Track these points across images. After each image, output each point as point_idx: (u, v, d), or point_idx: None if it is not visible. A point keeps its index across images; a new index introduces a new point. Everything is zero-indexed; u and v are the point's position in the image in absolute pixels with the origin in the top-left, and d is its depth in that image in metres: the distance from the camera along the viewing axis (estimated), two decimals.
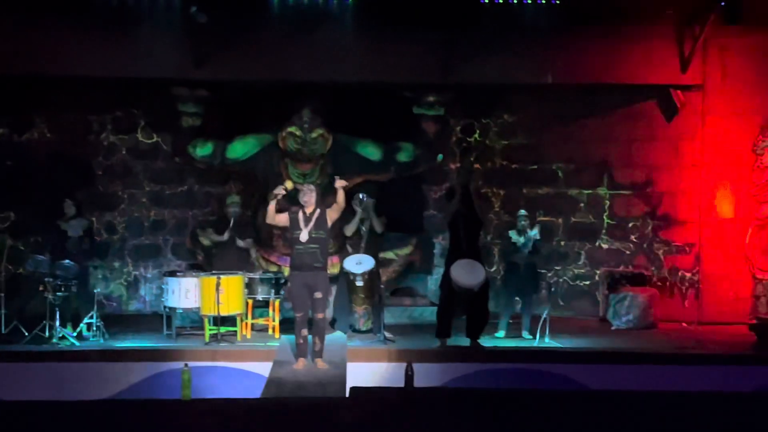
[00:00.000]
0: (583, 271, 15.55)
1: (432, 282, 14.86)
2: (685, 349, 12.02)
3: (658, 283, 14.79)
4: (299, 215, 10.37)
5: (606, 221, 15.52)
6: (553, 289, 14.35)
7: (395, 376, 9.93)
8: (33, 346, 11.52)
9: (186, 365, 9.96)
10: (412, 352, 11.12)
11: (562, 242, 15.59)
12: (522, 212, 13.14)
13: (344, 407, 7.46)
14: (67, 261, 11.95)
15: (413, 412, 7.26)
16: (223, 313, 11.75)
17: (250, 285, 12.32)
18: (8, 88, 14.03)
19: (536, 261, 13.14)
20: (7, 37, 12.92)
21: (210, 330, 11.89)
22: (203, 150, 14.04)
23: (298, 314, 10.37)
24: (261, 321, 12.76)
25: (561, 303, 15.10)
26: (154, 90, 14.07)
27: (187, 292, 12.10)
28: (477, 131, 15.66)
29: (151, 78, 13.47)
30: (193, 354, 11.17)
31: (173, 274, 12.58)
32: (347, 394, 8.52)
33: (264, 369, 10.69)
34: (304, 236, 10.23)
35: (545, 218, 15.40)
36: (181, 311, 12.47)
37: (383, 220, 12.97)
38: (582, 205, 15.56)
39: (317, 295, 10.28)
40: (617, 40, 13.50)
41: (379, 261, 12.78)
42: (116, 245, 15.30)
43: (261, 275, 12.57)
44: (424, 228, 15.25)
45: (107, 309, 14.49)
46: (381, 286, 12.47)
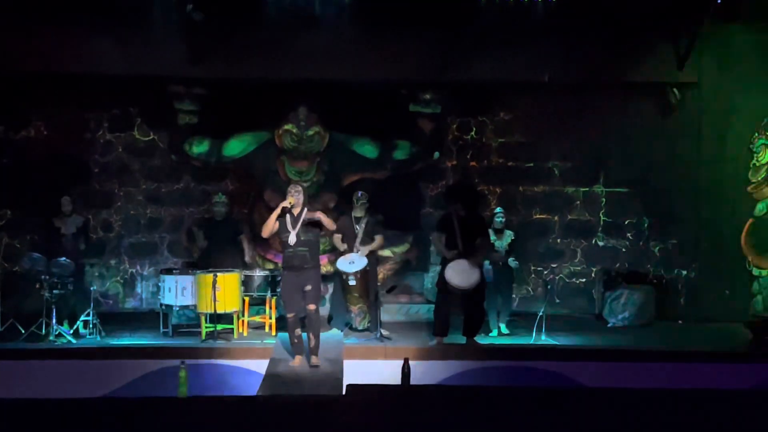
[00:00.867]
0: (579, 269, 15.57)
1: (428, 280, 14.87)
2: (681, 347, 12.03)
3: (654, 281, 14.80)
4: (286, 217, 10.35)
5: (602, 219, 15.54)
6: (549, 287, 14.34)
7: (392, 374, 9.93)
8: (29, 344, 11.50)
9: (182, 363, 9.95)
10: (409, 350, 11.12)
11: (558, 240, 15.61)
12: (498, 210, 13.12)
13: (341, 404, 7.48)
14: (64, 259, 11.93)
15: (410, 410, 7.27)
16: (220, 311, 11.75)
17: (247, 282, 12.33)
18: (4, 86, 14.01)
19: (514, 263, 13.02)
20: (3, 36, 12.91)
21: (206, 327, 11.91)
22: (200, 147, 14.04)
23: (290, 315, 10.37)
24: (257, 318, 12.75)
25: (557, 300, 15.09)
26: (151, 88, 14.04)
27: (184, 290, 12.11)
28: (473, 129, 15.65)
29: (148, 76, 13.47)
30: (190, 351, 11.14)
31: (169, 272, 12.58)
32: (344, 392, 8.53)
33: (261, 366, 10.71)
34: (292, 239, 10.24)
35: (541, 216, 15.43)
36: (178, 309, 12.46)
37: (379, 219, 12.95)
38: (578, 203, 15.58)
39: (307, 288, 10.29)
40: (614, 38, 13.49)
41: (376, 259, 12.77)
42: (112, 243, 15.30)
43: (257, 273, 12.56)
44: (421, 226, 15.24)
45: (104, 307, 14.45)
46: (377, 284, 12.47)
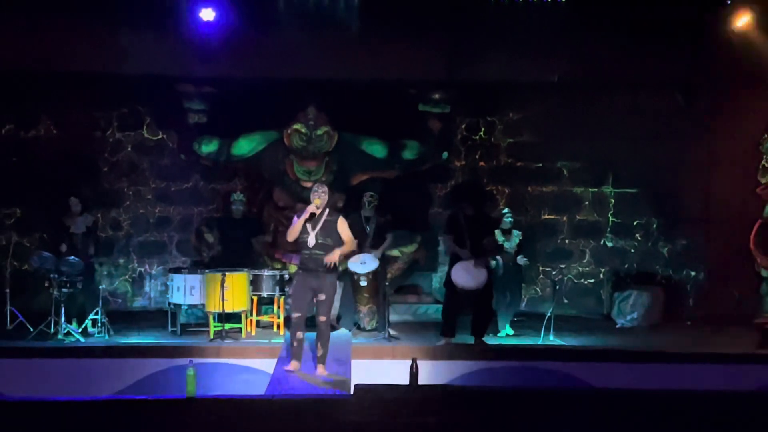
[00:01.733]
0: (588, 270, 15.57)
1: (436, 280, 14.89)
2: (690, 348, 12.01)
3: (663, 282, 14.79)
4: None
5: (611, 219, 15.53)
6: (558, 287, 14.33)
7: (400, 374, 9.92)
8: (38, 342, 11.52)
9: (191, 362, 9.95)
10: (417, 350, 11.13)
11: (567, 240, 15.61)
12: (506, 210, 13.11)
13: (349, 404, 7.48)
14: (73, 257, 11.95)
15: (418, 410, 7.27)
16: (228, 310, 11.77)
17: (255, 282, 12.32)
18: (14, 85, 14.04)
19: (524, 260, 13.02)
20: (13, 34, 12.91)
21: (215, 327, 11.92)
22: (209, 147, 14.05)
23: (296, 314, 9.90)
24: (266, 318, 12.78)
25: (565, 301, 15.09)
26: (160, 87, 14.04)
27: (192, 289, 12.13)
28: (482, 129, 15.66)
29: (157, 75, 13.46)
30: (198, 351, 11.16)
31: (178, 271, 12.61)
32: (351, 391, 8.53)
33: (269, 366, 10.69)
34: (311, 241, 9.78)
35: (550, 216, 15.42)
36: (186, 308, 12.50)
37: (388, 219, 12.94)
38: (587, 204, 15.59)
39: (321, 297, 9.87)
40: (623, 38, 13.45)
41: (385, 259, 12.77)
42: (121, 242, 15.33)
43: (266, 272, 12.57)
44: (429, 225, 15.24)
45: (112, 305, 14.48)
46: (386, 284, 12.47)
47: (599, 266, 15.51)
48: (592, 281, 15.52)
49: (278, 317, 12.40)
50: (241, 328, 12.16)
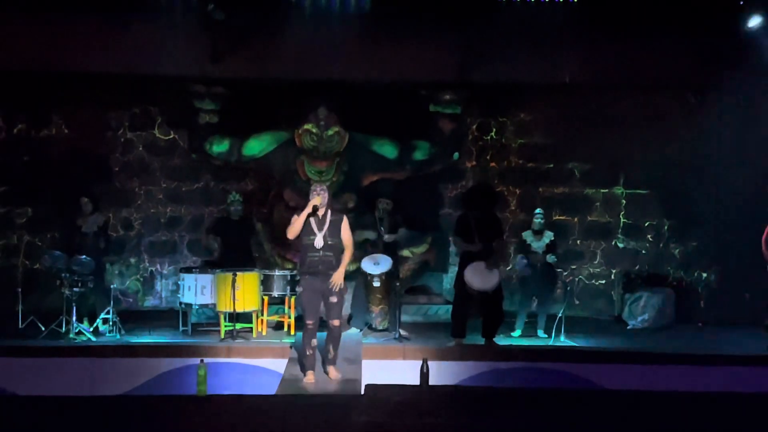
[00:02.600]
0: (599, 271, 15.56)
1: (447, 280, 14.88)
2: (701, 350, 11.98)
3: (674, 283, 14.75)
4: (310, 219, 9.69)
5: (622, 220, 15.51)
6: (569, 288, 14.30)
7: (410, 374, 9.92)
8: (49, 342, 11.55)
9: (202, 361, 9.98)
10: (428, 350, 11.12)
11: (578, 241, 15.59)
12: (538, 211, 13.10)
13: (359, 404, 7.48)
14: (84, 257, 11.98)
15: (428, 410, 7.27)
16: (239, 310, 11.78)
17: (266, 282, 12.32)
18: (26, 84, 14.09)
19: (552, 258, 13.04)
20: (25, 33, 12.95)
21: (225, 326, 11.93)
22: (220, 147, 14.08)
23: (309, 322, 9.67)
24: (276, 318, 12.79)
25: (576, 302, 15.08)
26: (172, 87, 14.08)
27: (203, 289, 12.15)
28: (493, 130, 15.65)
29: (169, 75, 13.48)
30: (209, 350, 11.19)
31: (189, 271, 12.61)
32: (362, 392, 8.54)
33: (279, 366, 10.72)
34: (319, 242, 9.58)
35: (561, 217, 15.40)
36: (197, 307, 12.52)
37: (399, 220, 12.95)
38: (598, 205, 15.57)
39: (332, 300, 9.65)
40: (634, 40, 13.43)
41: (397, 260, 12.79)
42: (132, 241, 15.36)
43: (276, 272, 12.56)
44: (440, 226, 15.24)
45: (123, 305, 14.53)
46: (397, 285, 12.48)
47: (610, 267, 15.49)
48: (603, 282, 15.50)
49: (289, 317, 12.40)
50: (252, 328, 12.17)
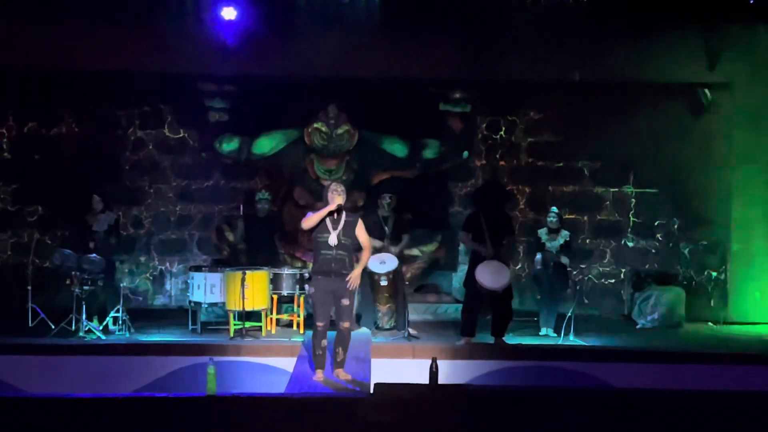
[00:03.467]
0: (609, 270, 15.54)
1: (456, 279, 14.86)
2: (710, 349, 11.96)
3: (684, 282, 14.73)
4: (326, 216, 9.40)
5: (632, 219, 15.50)
6: (579, 287, 14.29)
7: (419, 373, 9.91)
8: (59, 340, 11.56)
9: (211, 360, 9.97)
10: (437, 349, 11.10)
11: (588, 240, 15.57)
12: (553, 209, 13.04)
13: (368, 403, 7.48)
14: (94, 255, 11.99)
15: (438, 409, 7.27)
16: (248, 309, 11.78)
17: (275, 280, 12.32)
18: (37, 83, 14.14)
19: (566, 259, 13.03)
20: (36, 32, 13.00)
21: (235, 325, 11.93)
22: (230, 145, 14.10)
23: (320, 323, 9.45)
24: (286, 316, 12.79)
25: (586, 301, 15.05)
26: (182, 85, 14.11)
27: (213, 287, 12.15)
28: (503, 128, 15.64)
29: (179, 73, 13.52)
30: (218, 349, 11.18)
31: (199, 269, 12.64)
32: (371, 390, 8.53)
33: (289, 364, 10.71)
34: (333, 240, 9.35)
35: (571, 216, 15.36)
36: (207, 306, 12.53)
37: (406, 219, 12.95)
38: (608, 203, 15.56)
39: (344, 302, 9.46)
40: (644, 38, 13.41)
41: (403, 259, 12.78)
42: (142, 240, 15.39)
43: (286, 271, 12.57)
44: (449, 225, 15.23)
45: (133, 303, 14.54)
46: (405, 284, 12.47)
47: (620, 266, 15.48)
48: (613, 281, 15.49)
49: (298, 316, 12.41)
50: (261, 327, 12.17)
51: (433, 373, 8.86)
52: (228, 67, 13.32)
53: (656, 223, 15.42)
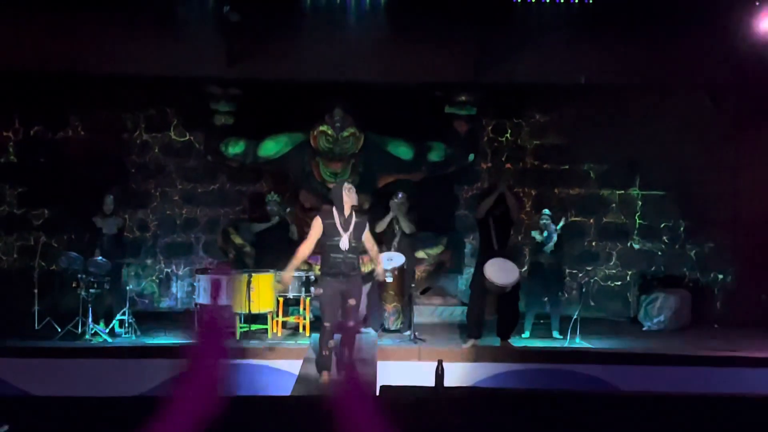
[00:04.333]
0: (615, 272, 15.52)
1: (462, 282, 14.87)
2: (717, 351, 11.94)
3: (690, 285, 14.72)
4: (335, 219, 9.32)
5: (638, 222, 15.48)
6: (584, 290, 14.29)
7: (426, 375, 9.92)
8: (66, 342, 11.62)
9: None
10: (443, 352, 11.09)
11: (594, 243, 15.56)
12: (546, 212, 13.13)
13: (375, 406, 7.48)
14: (101, 258, 12.02)
15: (443, 411, 7.27)
16: (254, 311, 11.80)
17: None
18: (43, 86, 14.16)
19: (561, 260, 13.07)
20: (42, 35, 13.00)
21: (241, 327, 11.95)
22: (235, 148, 14.10)
23: (328, 324, 9.36)
24: (292, 319, 12.79)
25: (592, 303, 15.05)
26: (187, 88, 14.13)
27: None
28: (508, 131, 15.64)
29: (185, 76, 13.53)
30: None
31: (204, 272, 12.64)
32: (378, 393, 8.54)
33: (294, 367, 10.71)
34: (345, 243, 9.27)
35: (577, 218, 15.36)
36: None
37: (412, 218, 12.95)
38: (614, 206, 15.55)
39: (351, 302, 9.39)
40: (650, 40, 13.39)
41: (414, 260, 12.79)
42: (148, 243, 15.40)
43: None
44: (455, 228, 15.23)
45: (139, 306, 14.58)
46: (412, 285, 12.48)
47: (626, 269, 15.46)
48: (619, 284, 15.48)
49: (304, 318, 12.41)
50: (267, 329, 12.18)
51: (439, 376, 8.87)
52: (234, 71, 13.33)
53: (662, 226, 15.41)
